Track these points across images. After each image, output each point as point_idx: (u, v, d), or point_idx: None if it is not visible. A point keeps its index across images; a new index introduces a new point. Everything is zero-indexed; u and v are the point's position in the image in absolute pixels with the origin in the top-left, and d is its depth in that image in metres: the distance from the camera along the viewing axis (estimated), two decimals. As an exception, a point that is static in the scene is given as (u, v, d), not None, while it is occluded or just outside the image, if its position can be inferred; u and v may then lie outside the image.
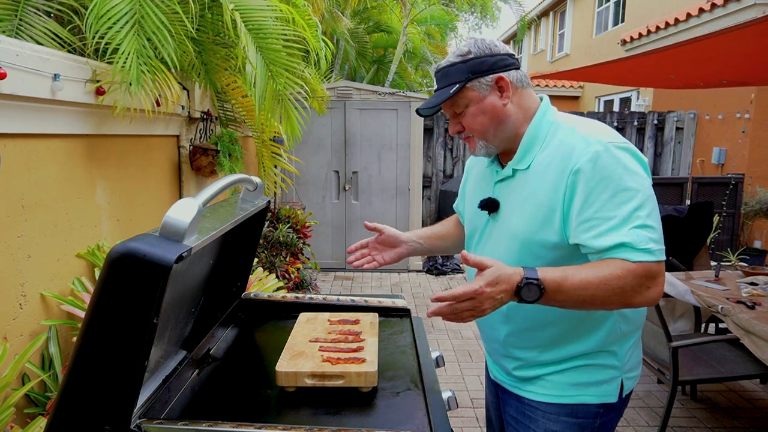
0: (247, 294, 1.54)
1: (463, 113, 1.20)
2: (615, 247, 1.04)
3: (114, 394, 0.81)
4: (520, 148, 1.21)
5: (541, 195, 1.15)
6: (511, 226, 1.20)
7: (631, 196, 1.05)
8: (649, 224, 1.05)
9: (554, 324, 1.21)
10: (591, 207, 1.07)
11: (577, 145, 1.11)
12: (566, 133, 1.16)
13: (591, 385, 1.22)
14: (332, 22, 7.18)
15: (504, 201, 1.24)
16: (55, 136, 1.92)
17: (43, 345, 1.82)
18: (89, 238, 2.14)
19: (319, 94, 4.15)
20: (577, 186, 1.09)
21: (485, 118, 1.19)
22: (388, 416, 1.00)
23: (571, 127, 1.17)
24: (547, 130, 1.20)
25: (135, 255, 0.76)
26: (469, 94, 1.18)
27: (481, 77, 1.17)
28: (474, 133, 1.21)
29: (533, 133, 1.20)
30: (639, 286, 1.03)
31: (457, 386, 3.34)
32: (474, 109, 1.19)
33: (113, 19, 2.03)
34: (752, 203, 5.95)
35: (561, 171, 1.12)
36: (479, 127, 1.20)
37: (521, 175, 1.21)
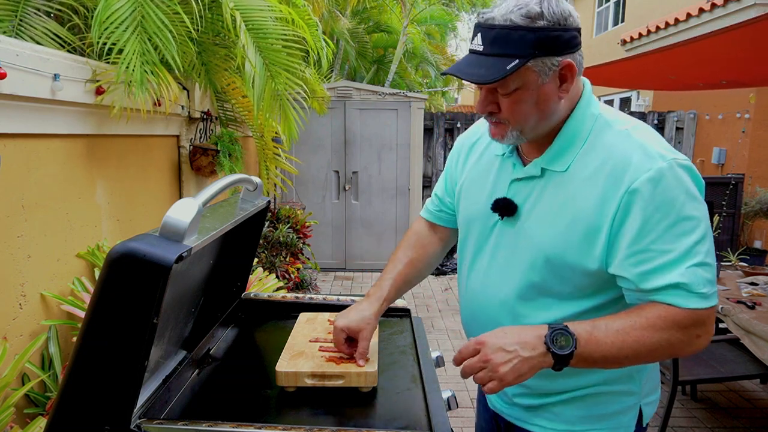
0: (247, 294, 1.54)
1: (508, 95, 0.94)
2: (667, 287, 0.88)
3: (114, 394, 0.81)
4: (555, 144, 1.00)
5: (583, 208, 0.95)
6: (534, 237, 1.00)
7: (693, 227, 0.88)
8: (708, 262, 0.89)
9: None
10: (647, 237, 0.89)
11: (634, 156, 0.92)
12: (618, 137, 0.96)
13: (604, 418, 1.06)
14: (332, 22, 7.18)
15: (525, 205, 1.03)
16: (55, 136, 1.92)
17: (43, 345, 1.82)
18: (89, 238, 2.14)
19: (319, 94, 4.15)
20: (632, 208, 0.90)
21: (533, 108, 0.95)
22: (388, 416, 1.00)
23: (623, 130, 0.97)
24: (591, 126, 0.99)
25: (135, 255, 0.75)
26: (527, 76, 0.92)
27: (548, 58, 0.91)
28: (511, 121, 0.97)
29: (574, 128, 0.99)
30: (688, 337, 0.88)
31: (457, 386, 3.34)
32: (525, 95, 0.93)
33: (116, 23, 2.03)
34: (752, 203, 5.95)
35: (613, 185, 0.92)
36: (522, 117, 0.96)
37: (555, 178, 1.00)
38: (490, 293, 1.11)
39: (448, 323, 4.54)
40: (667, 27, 5.66)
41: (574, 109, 1.00)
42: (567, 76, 0.95)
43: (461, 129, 7.20)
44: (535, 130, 0.99)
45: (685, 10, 5.38)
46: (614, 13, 11.47)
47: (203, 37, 2.74)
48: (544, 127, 0.99)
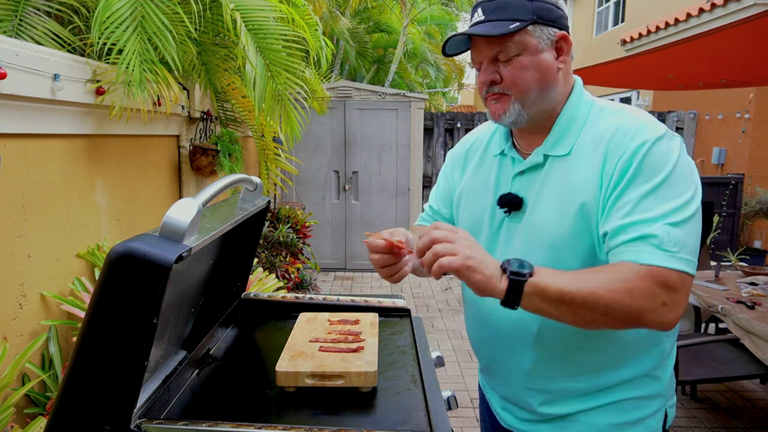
0: (247, 294, 1.54)
1: (509, 61, 0.97)
2: (635, 240, 0.87)
3: (114, 394, 0.81)
4: (555, 130, 1.02)
5: (582, 184, 0.96)
6: (544, 226, 1.00)
7: (679, 194, 0.89)
8: (686, 227, 0.88)
9: (593, 347, 1.02)
10: (633, 192, 0.90)
11: (632, 127, 0.95)
12: (615, 115, 0.99)
13: (635, 425, 1.04)
14: (332, 22, 7.19)
15: (530, 196, 1.04)
16: (55, 136, 1.92)
17: (43, 345, 1.82)
18: (89, 238, 2.14)
19: (319, 94, 4.15)
20: (625, 169, 0.92)
21: (535, 75, 0.97)
22: (388, 416, 1.00)
23: (619, 110, 1.00)
24: (587, 112, 1.02)
25: (135, 255, 0.75)
26: (527, 41, 0.96)
27: (545, 26, 0.97)
28: (513, 91, 0.98)
29: (572, 113, 1.02)
30: (652, 296, 0.84)
31: (457, 386, 3.34)
32: (526, 60, 0.96)
33: (116, 23, 2.03)
34: (752, 203, 5.95)
35: (611, 154, 0.94)
36: (524, 84, 0.97)
37: (558, 163, 1.01)
38: None
39: (448, 323, 4.54)
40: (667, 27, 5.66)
41: (569, 97, 1.04)
42: (563, 48, 1.00)
43: (461, 129, 7.21)
44: (535, 104, 1.00)
45: (685, 10, 5.37)
46: (614, 13, 11.47)
47: (203, 37, 2.74)
48: (545, 102, 1.01)
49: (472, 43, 1.02)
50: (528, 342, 1.05)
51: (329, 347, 1.18)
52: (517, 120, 1.01)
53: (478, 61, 1.02)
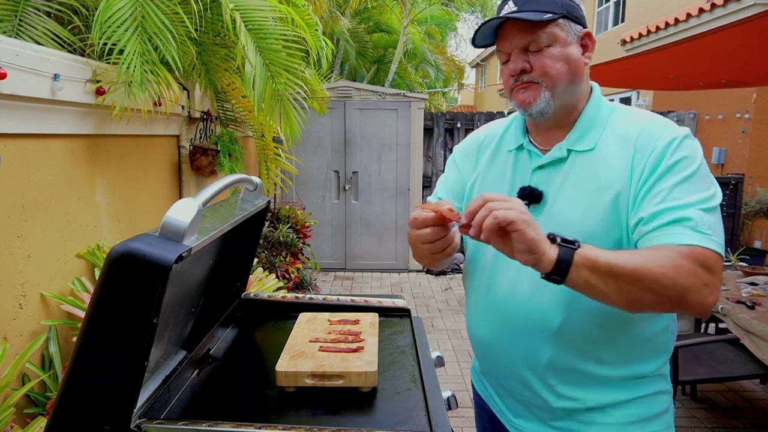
0: (247, 294, 1.54)
1: (540, 52, 1.00)
2: (672, 223, 0.89)
3: (114, 394, 0.81)
4: (578, 126, 1.05)
5: (611, 178, 0.98)
6: (569, 219, 1.00)
7: (707, 187, 0.93)
8: (716, 215, 0.92)
9: (612, 342, 1.02)
10: (666, 181, 0.93)
11: (659, 127, 0.99)
12: (641, 116, 1.04)
13: (653, 420, 1.05)
14: (332, 22, 7.19)
15: (551, 190, 1.05)
16: (55, 136, 1.92)
17: (43, 345, 1.82)
18: (89, 238, 2.14)
19: (319, 94, 4.15)
20: (657, 163, 0.95)
21: (565, 66, 1.01)
22: (388, 416, 1.00)
23: (642, 113, 1.05)
24: (608, 113, 1.06)
25: (135, 255, 0.75)
26: (557, 33, 1.00)
27: (572, 22, 1.02)
28: (545, 79, 1.01)
29: (594, 113, 1.06)
30: (695, 275, 0.84)
31: (457, 386, 3.35)
32: (557, 51, 1.00)
33: (117, 23, 2.03)
34: (752, 203, 5.95)
35: (640, 150, 0.98)
36: (555, 73, 1.00)
37: (582, 158, 1.03)
38: (525, 295, 1.05)
39: (448, 323, 4.54)
40: (667, 27, 5.66)
41: (590, 98, 1.08)
42: (588, 44, 1.04)
43: (461, 129, 7.20)
44: (563, 96, 1.02)
45: (685, 10, 5.37)
46: (614, 13, 11.47)
47: (203, 37, 2.74)
48: (572, 95, 1.04)
49: (502, 34, 1.04)
50: (547, 336, 1.03)
51: (329, 347, 1.18)
52: (545, 109, 1.02)
53: (507, 52, 1.04)
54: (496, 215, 0.81)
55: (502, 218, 0.81)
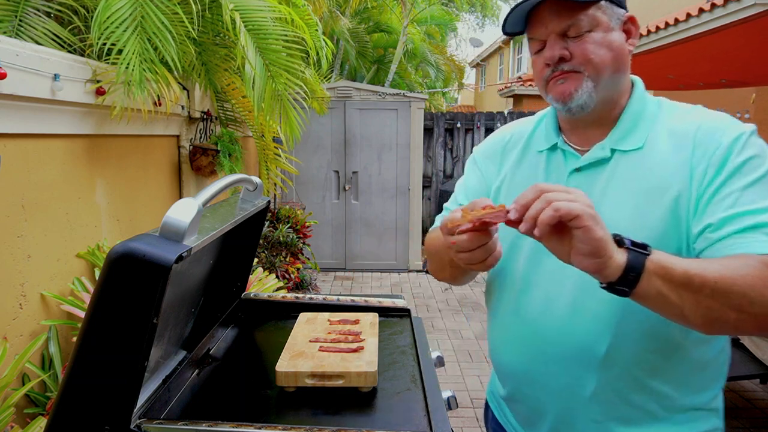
0: (247, 294, 1.54)
1: (580, 37, 0.89)
2: (747, 229, 0.78)
3: (114, 394, 0.81)
4: (622, 123, 0.94)
5: (667, 179, 0.87)
6: (619, 225, 0.82)
7: None
8: None
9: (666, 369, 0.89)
10: (736, 183, 0.82)
11: (718, 123, 0.88)
12: (694, 111, 0.92)
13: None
14: (332, 22, 7.19)
15: (594, 194, 0.91)
16: (55, 136, 1.92)
17: (43, 345, 1.82)
18: (89, 238, 2.14)
19: (319, 94, 4.15)
20: (722, 163, 0.84)
21: (609, 53, 0.90)
22: (388, 416, 1.00)
23: (696, 108, 0.94)
24: (656, 108, 0.95)
25: (135, 255, 0.75)
26: (599, 16, 0.89)
27: (615, 6, 0.92)
28: (587, 68, 0.89)
29: (640, 109, 0.95)
30: None
31: (457, 386, 3.35)
32: (600, 37, 0.89)
33: (116, 23, 2.03)
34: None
35: (700, 148, 0.86)
36: (598, 60, 0.89)
37: (628, 158, 0.92)
38: (565, 314, 0.92)
39: (448, 323, 4.54)
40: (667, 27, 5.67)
41: (633, 92, 0.97)
42: (632, 30, 0.94)
43: (461, 129, 7.21)
44: (606, 88, 0.91)
45: (685, 10, 5.37)
46: (614, 13, 11.45)
47: (203, 37, 2.74)
48: (614, 88, 0.93)
49: (536, 18, 0.92)
50: (592, 364, 0.89)
51: (329, 347, 1.18)
52: (586, 102, 0.90)
53: (541, 39, 0.92)
54: (558, 207, 0.68)
55: (565, 211, 0.68)
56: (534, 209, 0.71)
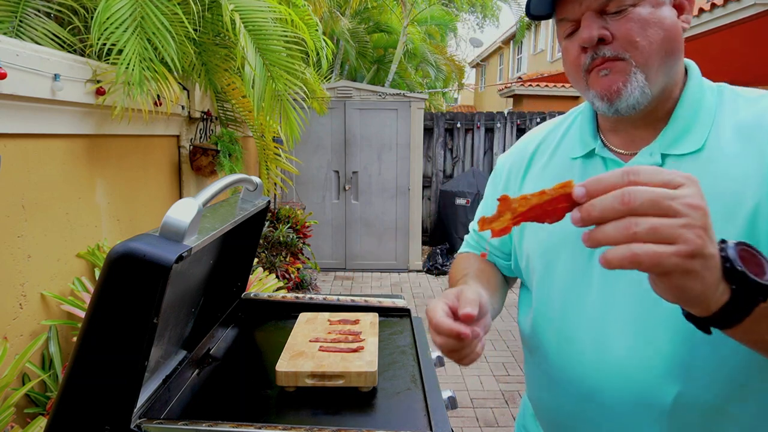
0: (247, 294, 1.54)
1: (622, 14, 0.71)
2: None
3: (114, 394, 0.81)
4: (675, 121, 0.76)
5: (740, 188, 0.69)
6: None
7: None
8: None
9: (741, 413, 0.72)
10: None
11: None
12: (764, 99, 0.74)
13: None
14: (333, 22, 7.19)
15: None
16: (55, 136, 1.92)
17: (44, 345, 1.82)
18: (89, 238, 2.14)
19: (319, 94, 4.15)
20: None
21: (660, 33, 0.71)
22: (388, 416, 1.01)
23: (763, 94, 0.76)
24: (716, 98, 0.77)
25: (135, 255, 0.76)
26: None
27: None
28: (633, 53, 0.71)
29: (696, 100, 0.76)
30: None
31: (457, 386, 3.35)
32: (647, 13, 0.70)
33: (116, 23, 2.03)
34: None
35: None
36: (647, 43, 0.70)
37: (686, 163, 0.73)
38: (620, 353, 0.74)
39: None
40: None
41: (687, 79, 0.78)
42: (684, 4, 0.75)
43: (461, 129, 7.20)
44: (659, 77, 0.73)
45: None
46: (614, 13, 11.46)
47: (203, 37, 2.74)
48: (667, 76, 0.74)
49: None
50: (655, 417, 0.72)
51: (329, 347, 1.18)
52: (639, 100, 0.72)
53: (574, 19, 0.74)
54: (638, 253, 0.47)
55: (649, 264, 0.47)
56: (605, 233, 0.48)
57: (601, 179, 0.49)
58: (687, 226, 0.46)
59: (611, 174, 0.49)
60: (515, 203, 0.53)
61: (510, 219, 0.53)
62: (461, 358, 0.72)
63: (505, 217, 0.54)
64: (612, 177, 0.49)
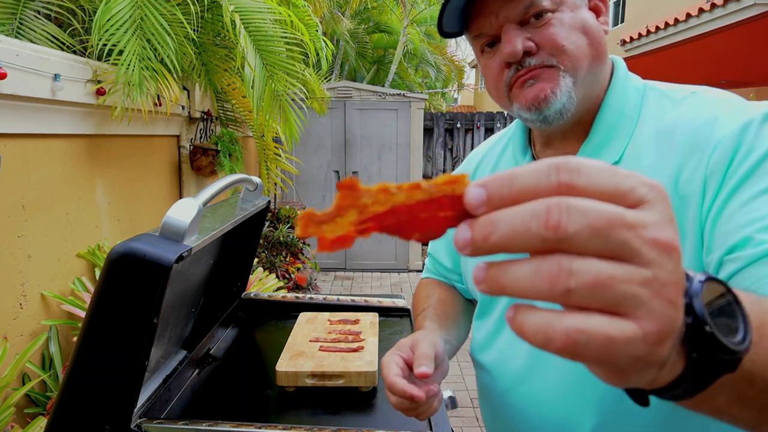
0: (247, 294, 1.54)
1: (543, 21, 0.68)
2: None
3: (114, 394, 0.81)
4: (596, 131, 0.72)
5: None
6: None
7: None
8: None
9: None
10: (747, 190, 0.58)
11: (715, 113, 0.65)
12: (686, 103, 0.69)
13: None
14: (333, 22, 7.19)
15: None
16: (55, 136, 1.92)
17: (44, 345, 1.82)
18: (89, 237, 2.14)
19: (319, 94, 4.15)
20: (729, 163, 0.60)
21: (584, 37, 0.69)
22: (387, 416, 1.01)
23: (688, 94, 0.70)
24: (639, 100, 0.72)
25: (135, 255, 0.76)
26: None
27: None
28: (561, 58, 0.68)
29: (618, 105, 0.72)
30: None
31: (457, 386, 3.35)
32: (568, 18, 0.68)
33: (116, 25, 2.04)
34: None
35: (693, 153, 0.63)
36: (574, 48, 0.68)
37: None
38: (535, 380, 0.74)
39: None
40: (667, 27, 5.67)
41: (610, 82, 0.74)
42: (600, 7, 0.73)
43: (461, 129, 7.21)
44: (584, 84, 0.70)
45: (685, 10, 5.38)
46: (614, 13, 11.47)
47: (203, 37, 2.74)
48: (592, 83, 0.71)
49: (480, 7, 0.70)
50: (586, 401, 0.69)
51: (329, 347, 1.18)
52: (566, 106, 0.69)
53: (491, 33, 0.71)
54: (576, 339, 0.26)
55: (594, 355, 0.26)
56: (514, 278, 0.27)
57: (515, 176, 0.28)
58: (654, 285, 0.26)
59: (532, 168, 0.28)
60: (368, 196, 0.32)
61: (354, 222, 0.32)
62: (418, 415, 0.71)
63: (346, 217, 0.32)
64: (533, 173, 0.28)
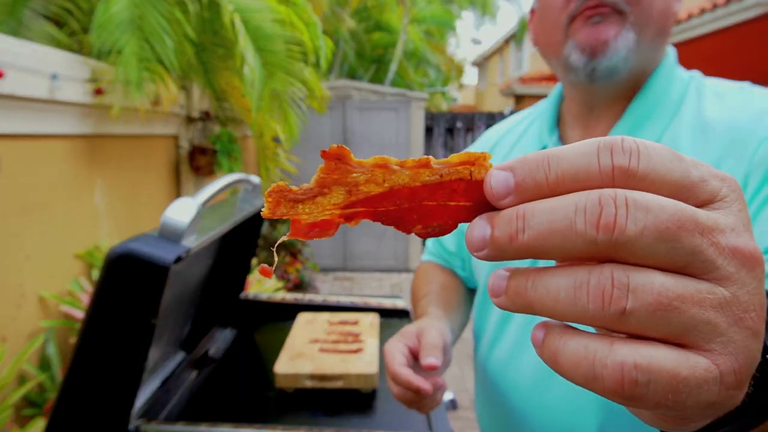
0: (246, 294, 1.54)
1: None
2: None
3: (113, 396, 0.80)
4: (635, 107, 0.67)
5: None
6: None
7: None
8: None
9: None
10: None
11: (761, 106, 0.61)
12: (733, 96, 0.65)
13: None
14: (333, 21, 7.19)
15: None
16: (54, 137, 1.91)
17: (42, 346, 1.81)
18: (88, 238, 2.14)
19: (319, 93, 4.15)
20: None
21: (663, 2, 0.63)
22: (387, 417, 1.00)
23: (739, 88, 0.66)
24: (683, 91, 0.68)
25: (133, 256, 0.75)
26: None
27: None
28: (635, 8, 0.61)
29: (662, 89, 0.68)
30: None
31: (457, 387, 3.34)
32: None
33: (114, 25, 2.03)
34: (752, 203, 5.95)
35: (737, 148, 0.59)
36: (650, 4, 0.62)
37: None
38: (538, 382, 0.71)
39: (447, 323, 4.54)
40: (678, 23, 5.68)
41: (659, 66, 0.70)
42: None
43: (461, 129, 7.20)
44: (646, 50, 0.65)
45: (686, 10, 5.38)
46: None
47: (202, 36, 2.73)
48: (650, 54, 0.66)
49: None
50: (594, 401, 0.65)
51: (329, 348, 1.18)
52: (620, 64, 0.63)
53: None
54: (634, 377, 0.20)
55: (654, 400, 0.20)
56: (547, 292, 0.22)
57: (554, 156, 0.23)
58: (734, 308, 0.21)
59: (576, 147, 0.22)
60: (360, 171, 0.24)
61: (340, 205, 0.25)
62: (420, 408, 0.68)
63: (330, 197, 0.25)
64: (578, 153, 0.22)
